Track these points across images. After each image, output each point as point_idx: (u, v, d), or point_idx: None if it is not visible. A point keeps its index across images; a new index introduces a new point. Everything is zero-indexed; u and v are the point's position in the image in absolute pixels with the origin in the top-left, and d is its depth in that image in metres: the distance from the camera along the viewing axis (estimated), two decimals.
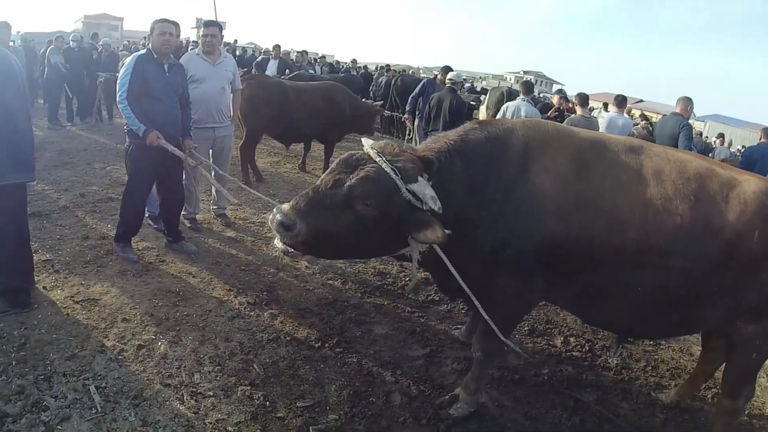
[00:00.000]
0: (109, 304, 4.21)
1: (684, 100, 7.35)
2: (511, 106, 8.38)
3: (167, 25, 4.79)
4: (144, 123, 4.60)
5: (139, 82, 4.63)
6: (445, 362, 4.10)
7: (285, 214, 2.85)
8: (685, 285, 3.03)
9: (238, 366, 3.68)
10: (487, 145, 3.10)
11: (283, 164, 9.82)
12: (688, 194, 2.98)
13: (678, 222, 2.94)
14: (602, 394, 4.02)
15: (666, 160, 3.12)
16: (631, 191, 3.01)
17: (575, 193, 3.02)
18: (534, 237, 3.00)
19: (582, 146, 3.15)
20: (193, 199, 5.98)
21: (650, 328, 3.45)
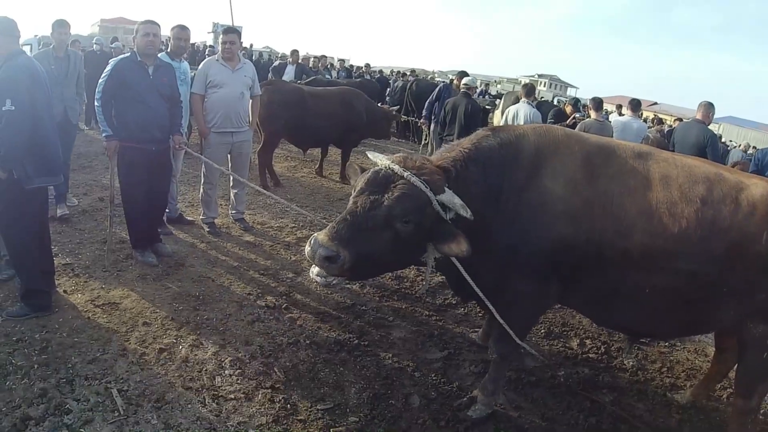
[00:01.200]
0: (130, 308, 4.24)
1: (705, 105, 7.20)
2: (512, 110, 8.44)
3: (150, 26, 4.82)
4: (112, 129, 4.71)
5: (117, 85, 4.67)
6: (462, 365, 4.11)
7: (327, 247, 2.78)
8: (694, 287, 3.08)
9: (258, 369, 3.68)
10: (499, 151, 3.15)
11: (300, 169, 9.85)
12: (695, 198, 3.05)
13: (684, 225, 3.00)
14: (618, 395, 4.03)
15: (673, 166, 3.20)
16: (639, 195, 3.08)
17: (584, 197, 3.08)
18: (546, 240, 3.07)
19: (591, 151, 3.21)
20: (211, 203, 6.03)
21: (661, 328, 3.52)
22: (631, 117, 8.44)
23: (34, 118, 3.79)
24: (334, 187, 8.84)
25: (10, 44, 3.88)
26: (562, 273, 3.19)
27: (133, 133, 4.74)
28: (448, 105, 8.34)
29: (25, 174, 3.80)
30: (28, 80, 3.80)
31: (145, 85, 4.77)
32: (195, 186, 7.19)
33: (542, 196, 3.08)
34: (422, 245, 3.01)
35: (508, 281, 3.25)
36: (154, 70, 4.83)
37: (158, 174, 5.06)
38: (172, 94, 5.01)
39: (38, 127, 3.85)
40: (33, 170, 3.84)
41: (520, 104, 8.41)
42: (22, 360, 3.48)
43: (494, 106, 15.01)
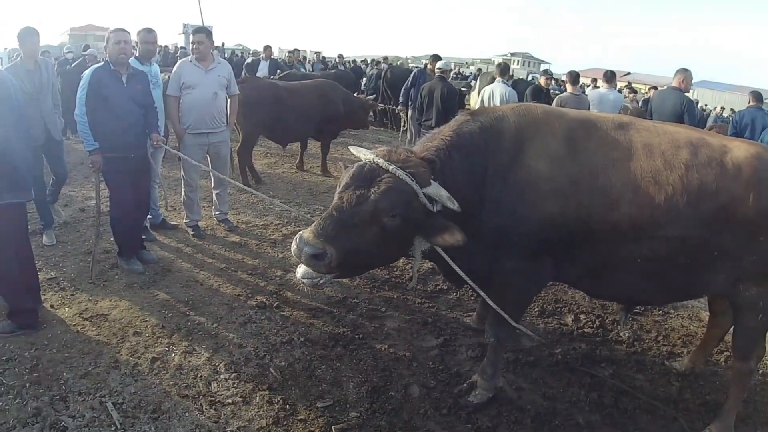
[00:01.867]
0: (119, 319, 4.18)
1: (681, 72, 7.17)
2: (487, 90, 8.40)
3: (121, 34, 4.75)
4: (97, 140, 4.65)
5: (96, 96, 4.61)
6: (459, 350, 4.12)
7: (312, 245, 2.73)
8: (685, 252, 3.10)
9: (254, 371, 3.66)
10: (480, 135, 3.15)
11: (280, 164, 9.76)
12: (679, 164, 3.06)
13: (670, 192, 3.02)
14: (617, 368, 4.06)
15: (655, 134, 3.21)
16: (623, 167, 3.08)
17: (569, 173, 3.09)
18: (534, 220, 3.08)
19: (572, 126, 3.22)
20: (194, 206, 5.95)
21: (655, 295, 3.57)
22: (607, 89, 8.48)
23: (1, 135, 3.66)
24: (316, 181, 8.79)
25: None
26: (554, 251, 3.21)
27: (113, 143, 4.69)
28: (425, 90, 8.30)
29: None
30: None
31: (120, 95, 4.71)
32: (176, 190, 7.08)
33: (527, 176, 3.08)
34: (410, 239, 2.97)
35: (500, 263, 3.26)
36: (128, 79, 4.78)
37: (139, 180, 5.03)
38: (146, 101, 4.96)
39: (6, 144, 3.71)
40: (3, 186, 3.73)
41: (496, 84, 8.39)
42: (14, 379, 3.42)
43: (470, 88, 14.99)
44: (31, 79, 5.33)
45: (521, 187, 3.08)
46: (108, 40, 4.78)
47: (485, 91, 8.50)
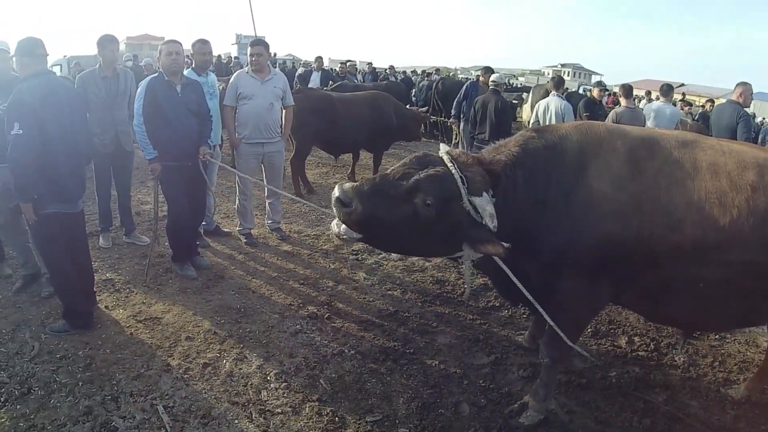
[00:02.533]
0: (172, 323, 4.22)
1: (741, 85, 6.90)
2: (542, 104, 8.37)
3: (173, 45, 4.86)
4: (155, 150, 4.75)
5: (152, 105, 4.70)
6: (510, 369, 4.01)
7: (344, 191, 2.82)
8: (748, 277, 2.98)
9: (304, 382, 3.62)
10: (545, 153, 3.13)
11: (332, 175, 9.80)
12: (745, 185, 2.95)
13: (735, 215, 2.91)
14: (671, 393, 3.90)
15: (721, 153, 3.10)
16: (686, 187, 2.99)
17: (631, 193, 3.01)
18: (594, 239, 3.02)
19: (635, 145, 3.14)
20: (247, 214, 6.01)
21: (715, 321, 3.46)
22: (663, 102, 8.22)
23: (43, 142, 3.68)
24: None
25: (34, 64, 3.83)
26: (614, 272, 3.11)
27: (170, 151, 4.79)
28: (478, 103, 8.22)
29: (40, 198, 3.76)
30: (38, 102, 3.67)
31: (175, 104, 4.81)
32: (230, 197, 7.19)
33: (589, 197, 3.03)
34: (452, 239, 2.94)
35: (558, 282, 3.19)
36: (182, 88, 4.87)
37: (195, 187, 5.11)
38: (200, 110, 5.04)
39: (48, 152, 3.72)
40: (45, 195, 3.77)
41: (551, 97, 8.32)
42: (67, 377, 3.48)
43: (521, 101, 14.79)
44: (107, 86, 5.37)
45: (582, 207, 3.04)
46: (160, 51, 4.90)
47: (540, 105, 8.39)
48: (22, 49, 3.82)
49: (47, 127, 3.70)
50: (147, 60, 15.48)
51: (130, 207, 6.00)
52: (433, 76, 17.80)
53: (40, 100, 3.69)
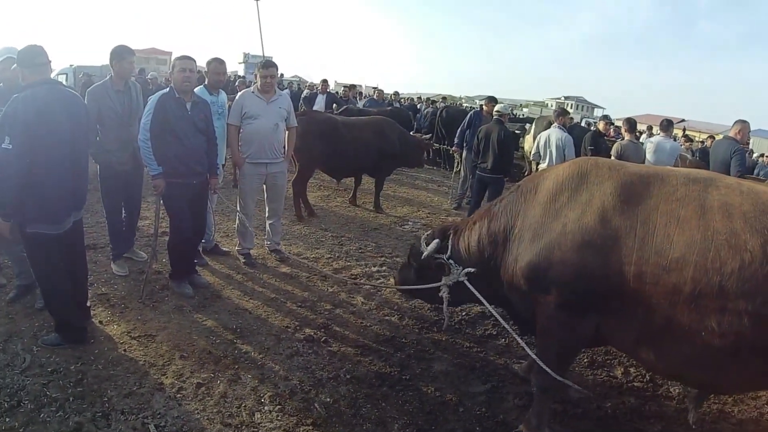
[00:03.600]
0: (166, 341, 4.17)
1: (739, 123, 7.01)
2: (543, 135, 8.46)
3: (187, 62, 4.82)
4: (160, 165, 4.70)
5: (161, 122, 4.68)
6: (506, 398, 3.98)
7: None
8: (761, 330, 2.68)
9: (299, 405, 3.56)
10: (517, 199, 3.50)
11: (333, 198, 9.81)
12: (762, 228, 2.71)
13: (748, 260, 2.66)
14: (666, 424, 3.88)
15: (737, 192, 2.90)
16: (690, 226, 2.81)
17: (614, 227, 2.96)
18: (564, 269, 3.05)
19: (628, 180, 3.09)
20: (247, 234, 5.99)
21: (725, 380, 3.08)
22: (664, 137, 8.33)
23: (33, 158, 3.51)
24: (368, 217, 8.75)
25: (35, 75, 3.67)
26: (598, 307, 3.06)
27: (176, 168, 4.78)
28: (481, 132, 8.24)
29: (23, 217, 3.63)
30: (31, 115, 3.49)
31: (184, 121, 4.80)
32: (230, 216, 7.17)
33: (562, 227, 3.09)
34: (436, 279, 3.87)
35: (539, 312, 3.26)
36: (192, 106, 4.86)
37: (198, 206, 5.10)
38: (208, 129, 5.04)
39: (37, 169, 3.56)
40: (29, 214, 3.63)
41: (552, 129, 8.39)
42: (57, 392, 3.43)
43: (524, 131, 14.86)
44: (121, 100, 5.13)
45: (552, 236, 3.11)
46: (173, 66, 4.88)
47: (541, 136, 8.47)
48: (22, 59, 3.69)
49: (41, 142, 3.54)
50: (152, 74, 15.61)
51: (136, 225, 5.91)
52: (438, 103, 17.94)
53: (35, 113, 3.52)
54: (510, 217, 3.45)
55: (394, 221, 8.58)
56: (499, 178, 8.10)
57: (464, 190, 10.09)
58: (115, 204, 5.40)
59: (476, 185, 8.39)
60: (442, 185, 12.13)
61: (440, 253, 3.82)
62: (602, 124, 10.17)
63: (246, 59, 29.95)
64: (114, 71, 5.12)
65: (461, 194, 10.20)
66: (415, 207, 9.90)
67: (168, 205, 4.95)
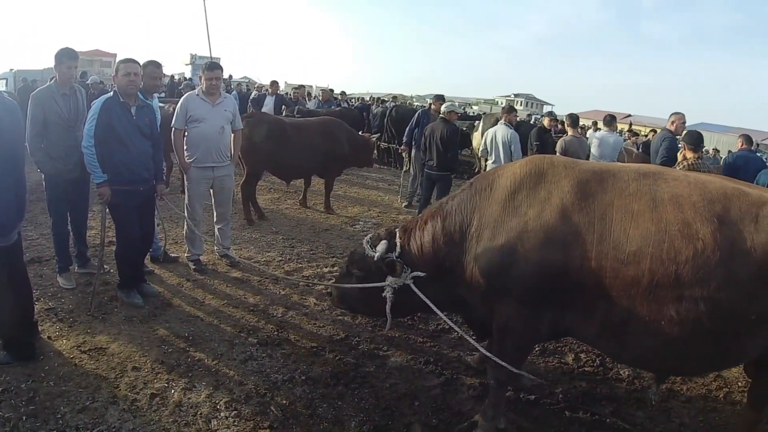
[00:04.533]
0: (118, 353, 4.11)
1: (673, 115, 7.33)
2: (489, 132, 8.61)
3: (131, 65, 4.71)
4: (105, 172, 4.61)
5: (106, 127, 4.57)
6: (461, 389, 4.08)
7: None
8: (717, 315, 2.80)
9: (255, 410, 3.58)
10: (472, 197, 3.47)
11: (283, 200, 9.79)
12: (711, 217, 2.83)
13: (700, 248, 2.78)
14: (617, 405, 4.04)
15: (685, 184, 3.01)
16: (644, 219, 2.92)
17: (572, 223, 3.02)
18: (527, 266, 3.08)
19: (584, 177, 3.16)
20: (196, 240, 5.94)
21: (685, 364, 3.25)
22: (607, 131, 8.61)
23: None
24: (319, 218, 8.79)
25: None
26: (559, 302, 3.14)
27: (122, 175, 4.69)
28: (427, 131, 8.39)
29: None
30: None
31: (129, 126, 4.71)
32: (179, 223, 7.09)
33: (521, 224, 3.12)
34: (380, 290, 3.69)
35: (498, 308, 3.29)
36: (137, 110, 4.78)
37: (145, 214, 5.03)
38: (153, 134, 4.96)
39: None
40: None
41: (499, 126, 8.54)
42: (10, 411, 3.34)
43: (473, 128, 15.13)
44: (67, 104, 4.99)
45: (513, 234, 3.12)
46: (117, 70, 4.75)
47: (488, 133, 8.64)
48: None
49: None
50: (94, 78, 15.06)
51: (85, 236, 5.70)
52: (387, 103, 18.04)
53: None
54: (465, 215, 3.41)
55: (345, 221, 8.65)
56: (445, 175, 8.26)
57: (414, 188, 10.24)
58: (62, 214, 5.25)
59: (425, 183, 8.57)
60: (392, 184, 12.25)
61: (389, 253, 3.68)
62: (547, 120, 10.39)
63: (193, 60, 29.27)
64: (58, 75, 4.99)
65: (411, 192, 10.34)
66: (366, 206, 10.00)
67: (114, 213, 4.85)
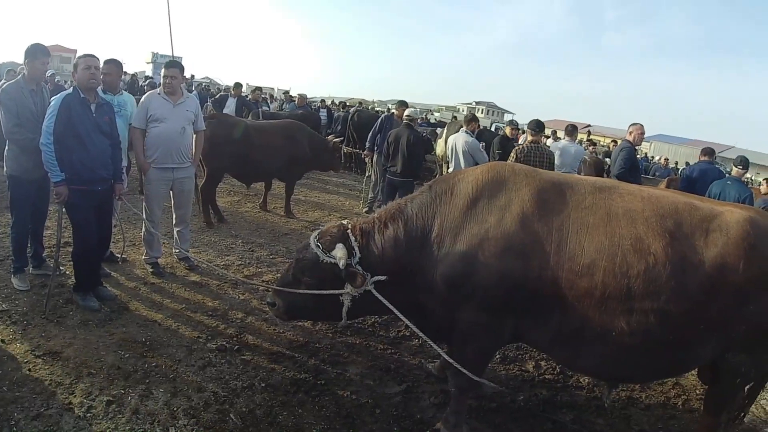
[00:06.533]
0: (73, 357, 4.01)
1: (632, 126, 7.56)
2: (451, 139, 8.76)
3: (91, 60, 4.64)
4: (63, 172, 4.50)
5: (65, 124, 4.47)
6: (422, 397, 4.12)
7: (271, 295, 3.84)
8: (668, 326, 2.95)
9: (214, 417, 3.55)
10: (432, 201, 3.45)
11: (243, 203, 9.68)
12: (663, 232, 2.97)
13: (652, 262, 2.91)
14: (578, 413, 4.14)
15: (639, 198, 3.15)
16: (598, 233, 3.02)
17: (533, 232, 3.09)
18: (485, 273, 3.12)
19: (543, 187, 3.24)
20: (154, 242, 5.83)
21: (636, 372, 3.39)
22: (568, 141, 8.79)
23: None
24: (279, 222, 8.73)
25: None
26: (518, 310, 3.21)
27: (80, 174, 4.58)
28: (391, 136, 8.41)
29: None
30: None
31: (89, 124, 4.60)
32: (137, 224, 6.94)
33: (481, 231, 3.16)
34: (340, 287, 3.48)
35: (458, 316, 3.32)
36: (96, 108, 4.68)
37: (103, 215, 4.93)
38: (112, 133, 4.86)
39: None
40: None
41: (460, 133, 8.66)
42: None
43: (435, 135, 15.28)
44: (34, 100, 4.88)
45: (474, 241, 3.16)
46: (77, 65, 4.65)
47: (450, 140, 8.75)
48: None
49: None
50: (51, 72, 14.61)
51: (42, 236, 5.55)
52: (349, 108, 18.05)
53: None
54: (426, 220, 3.40)
55: (305, 226, 8.61)
56: (408, 181, 8.30)
57: (375, 194, 10.24)
58: (24, 214, 5.11)
59: (386, 189, 8.55)
60: (354, 189, 12.27)
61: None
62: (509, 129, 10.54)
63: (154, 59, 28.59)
64: (27, 71, 4.91)
65: (372, 198, 10.35)
66: (327, 211, 9.99)
67: (72, 213, 4.72)
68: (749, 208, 3.53)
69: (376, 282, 3.41)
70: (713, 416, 3.49)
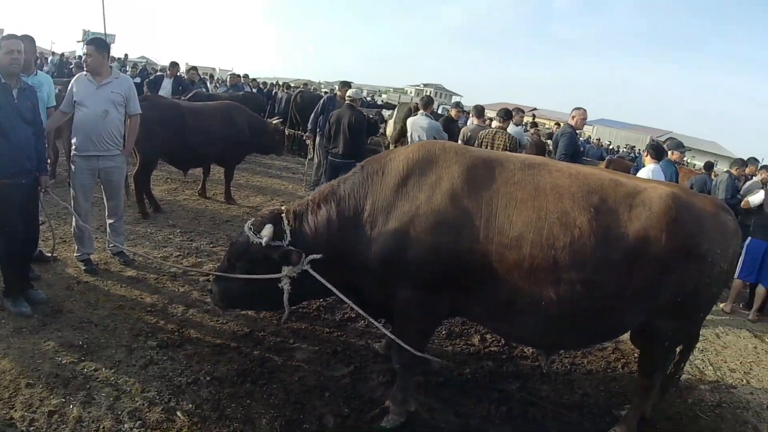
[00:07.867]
0: (9, 369, 3.79)
1: (574, 110, 7.67)
2: (410, 122, 8.80)
3: (14, 42, 4.32)
4: None
5: None
6: (370, 377, 4.19)
7: (212, 284, 3.86)
8: (595, 295, 3.12)
9: (160, 417, 3.48)
10: (364, 182, 3.49)
11: (181, 191, 9.32)
12: (588, 206, 3.11)
13: (577, 235, 3.06)
14: (523, 381, 4.34)
15: (566, 175, 3.27)
16: (526, 207, 3.14)
17: (460, 208, 3.18)
18: (420, 249, 3.20)
19: (473, 164, 3.32)
20: (85, 237, 5.53)
21: (568, 340, 3.62)
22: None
23: None
24: (219, 209, 8.52)
25: None
26: (452, 285, 3.29)
27: (3, 167, 4.25)
28: (333, 117, 8.27)
29: None
30: None
31: (10, 111, 4.27)
32: (67, 219, 6.58)
33: (412, 208, 3.22)
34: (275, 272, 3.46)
35: (396, 293, 3.38)
36: (18, 93, 4.35)
37: (29, 210, 4.62)
38: (35, 120, 4.54)
39: None
40: None
41: (419, 117, 8.69)
42: None
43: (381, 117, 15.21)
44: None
45: (406, 219, 3.22)
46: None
47: (409, 123, 8.79)
48: None
49: None
50: None
51: None
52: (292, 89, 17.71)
53: None
54: (358, 199, 3.45)
55: (247, 212, 8.43)
56: (350, 163, 8.09)
57: (318, 177, 10.11)
58: None
59: (328, 171, 8.41)
60: (296, 172, 12.13)
61: (276, 240, 3.47)
62: (454, 111, 10.69)
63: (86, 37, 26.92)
64: None
65: (315, 180, 10.22)
66: (269, 196, 9.84)
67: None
68: (672, 184, 3.78)
69: (312, 261, 3.41)
70: (647, 377, 3.69)
